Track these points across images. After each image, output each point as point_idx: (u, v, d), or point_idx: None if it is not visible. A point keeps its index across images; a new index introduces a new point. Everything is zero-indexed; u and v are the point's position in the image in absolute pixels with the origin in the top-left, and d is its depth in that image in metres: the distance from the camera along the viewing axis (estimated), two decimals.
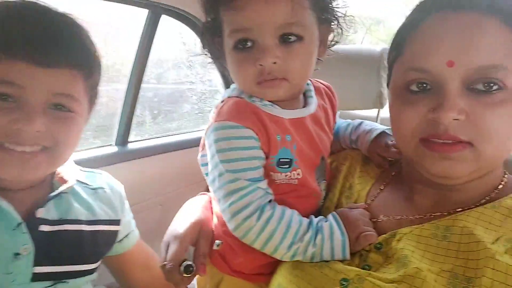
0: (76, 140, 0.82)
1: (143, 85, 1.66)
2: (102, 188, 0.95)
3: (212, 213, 0.91)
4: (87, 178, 0.94)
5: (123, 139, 1.62)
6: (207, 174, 0.81)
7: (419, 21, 0.67)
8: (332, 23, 0.81)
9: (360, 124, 0.94)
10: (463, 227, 0.64)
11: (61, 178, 0.87)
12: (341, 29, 0.82)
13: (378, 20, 9.12)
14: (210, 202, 0.95)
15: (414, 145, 0.67)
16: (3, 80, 0.70)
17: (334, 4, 0.79)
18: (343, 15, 0.81)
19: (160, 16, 1.59)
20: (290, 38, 0.72)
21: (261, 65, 0.72)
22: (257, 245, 0.74)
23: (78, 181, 0.90)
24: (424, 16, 0.66)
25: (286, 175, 0.78)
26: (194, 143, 1.85)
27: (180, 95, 2.61)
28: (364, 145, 0.89)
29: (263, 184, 0.74)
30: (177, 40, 2.17)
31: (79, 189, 0.90)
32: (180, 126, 2.47)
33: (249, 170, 0.73)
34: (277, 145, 0.76)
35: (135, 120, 1.68)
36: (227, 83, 2.00)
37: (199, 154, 0.86)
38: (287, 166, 0.77)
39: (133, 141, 1.69)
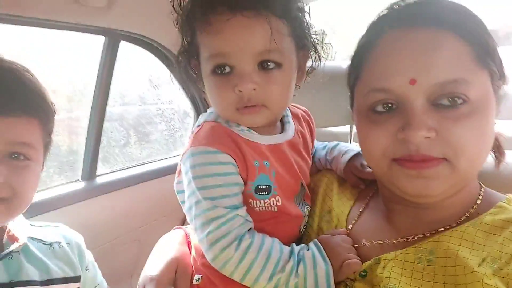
0: (34, 188, 0.80)
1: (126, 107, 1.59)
2: (58, 242, 0.89)
3: (190, 248, 0.86)
4: (41, 232, 0.88)
5: (90, 173, 1.53)
6: (183, 202, 0.77)
7: (375, 40, 0.66)
8: (310, 50, 0.80)
9: (336, 145, 0.93)
10: (447, 249, 0.62)
11: (12, 236, 0.81)
12: (319, 56, 0.81)
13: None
14: (186, 236, 0.90)
15: (386, 166, 0.66)
16: None
17: (312, 31, 0.79)
18: (320, 42, 0.80)
19: (119, 42, 1.53)
20: (269, 65, 0.71)
21: (240, 91, 0.70)
22: (236, 277, 0.70)
23: (30, 237, 0.84)
24: (379, 35, 0.66)
25: (265, 202, 0.75)
26: (168, 171, 1.82)
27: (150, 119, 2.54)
28: (339, 166, 0.88)
29: (242, 211, 0.71)
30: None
31: (31, 246, 0.83)
32: (150, 154, 2.38)
33: (227, 197, 0.70)
34: (255, 171, 0.74)
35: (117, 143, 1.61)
36: (196, 108, 1.96)
37: (175, 181, 0.82)
38: (265, 193, 0.75)
39: (101, 174, 1.60)
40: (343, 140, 1.01)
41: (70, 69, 1.92)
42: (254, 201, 0.74)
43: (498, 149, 0.71)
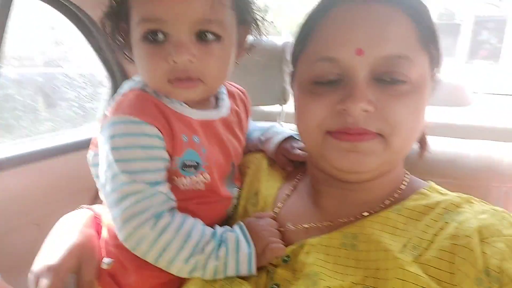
0: None
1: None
2: None
3: (99, 230, 0.78)
4: None
5: None
6: (98, 176, 0.72)
7: (326, 11, 0.66)
8: (251, 25, 0.77)
9: (271, 127, 0.91)
10: (370, 234, 0.64)
11: None
12: (259, 32, 0.79)
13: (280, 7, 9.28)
14: (95, 218, 0.81)
15: (320, 138, 0.66)
16: None
17: (254, 6, 0.76)
18: (261, 18, 0.77)
19: None
20: (207, 36, 0.66)
21: (174, 61, 0.65)
22: (150, 258, 0.66)
23: None
24: (330, 5, 0.66)
25: (191, 179, 0.72)
26: (74, 147, 1.63)
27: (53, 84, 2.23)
28: (271, 146, 0.87)
29: (164, 188, 0.68)
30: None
31: None
32: (54, 128, 2.11)
33: (149, 172, 0.66)
34: (182, 146, 0.70)
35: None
36: (112, 76, 1.76)
37: (91, 153, 0.77)
38: (192, 169, 0.71)
39: None
40: (273, 119, 0.99)
41: None
42: (179, 178, 0.71)
43: (422, 138, 0.73)
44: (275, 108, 1.67)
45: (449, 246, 0.58)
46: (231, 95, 0.85)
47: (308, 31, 0.68)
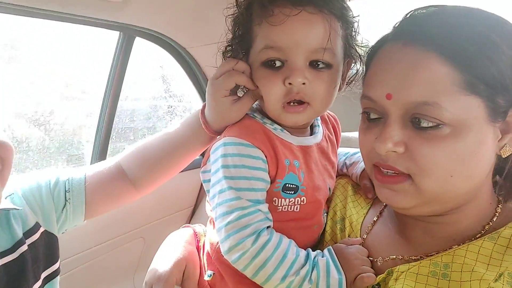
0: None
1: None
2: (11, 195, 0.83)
3: (198, 248, 0.86)
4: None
5: None
6: (209, 191, 0.77)
7: (377, 49, 0.67)
8: (355, 60, 0.81)
9: (357, 152, 0.92)
10: (463, 264, 0.61)
11: None
12: (362, 67, 0.80)
13: None
14: (195, 235, 0.89)
15: (369, 170, 0.69)
16: None
17: (358, 42, 0.80)
18: (363, 55, 0.80)
19: (134, 39, 1.53)
20: (319, 64, 0.72)
21: (290, 83, 0.71)
22: (248, 272, 0.69)
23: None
24: (381, 44, 0.67)
25: (289, 201, 0.75)
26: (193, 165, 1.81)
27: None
28: (357, 171, 0.87)
29: (264, 207, 0.71)
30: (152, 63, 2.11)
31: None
32: None
33: (252, 190, 0.70)
34: (285, 170, 0.74)
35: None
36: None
37: (201, 169, 0.82)
38: (292, 192, 0.74)
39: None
40: (356, 145, 0.99)
41: (84, 64, 1.93)
42: (279, 199, 0.74)
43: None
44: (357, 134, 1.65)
45: None
46: (324, 121, 0.89)
47: (366, 67, 0.71)
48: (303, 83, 0.70)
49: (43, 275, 0.82)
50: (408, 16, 0.66)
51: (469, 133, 0.59)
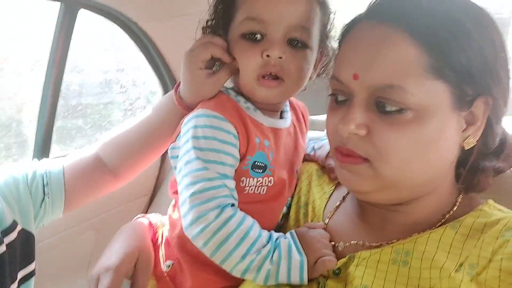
0: None
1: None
2: None
3: (154, 240, 0.84)
4: None
5: (42, 154, 1.39)
6: (176, 167, 0.76)
7: (350, 28, 0.67)
8: (327, 52, 0.83)
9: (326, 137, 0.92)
10: (424, 251, 0.62)
11: None
12: (334, 62, 0.81)
13: None
14: (151, 226, 0.86)
15: (332, 152, 0.69)
16: None
17: (333, 35, 0.83)
18: (334, 50, 0.82)
19: (78, 11, 1.38)
20: (296, 43, 0.75)
21: (268, 56, 0.72)
22: (208, 249, 0.68)
23: None
24: (354, 23, 0.66)
25: (257, 181, 0.76)
26: None
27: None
28: (322, 153, 0.89)
29: (231, 183, 0.71)
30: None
31: None
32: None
33: (221, 164, 0.70)
34: (255, 147, 0.75)
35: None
36: (165, 87, 1.83)
37: (170, 145, 0.82)
38: (260, 171, 0.75)
39: (56, 157, 1.47)
40: (320, 129, 0.99)
41: (22, 38, 1.75)
42: (247, 179, 0.75)
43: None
44: (322, 117, 1.65)
45: (510, 266, 0.55)
46: (292, 108, 0.90)
47: (338, 49, 0.70)
48: (280, 57, 0.73)
49: (20, 275, 0.81)
50: None
51: (432, 119, 0.58)
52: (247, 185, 0.75)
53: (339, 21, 0.81)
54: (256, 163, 0.74)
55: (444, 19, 0.57)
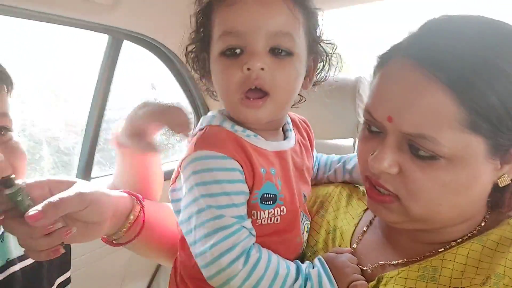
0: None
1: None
2: None
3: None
4: None
5: (84, 175, 1.49)
6: (178, 212, 0.71)
7: (383, 63, 0.65)
8: (321, 57, 0.78)
9: (354, 156, 0.90)
10: (452, 267, 0.61)
11: None
12: (329, 65, 0.79)
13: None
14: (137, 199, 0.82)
15: (363, 179, 0.69)
16: None
17: (324, 38, 0.77)
18: (331, 52, 0.78)
19: (122, 41, 1.50)
20: (280, 52, 0.68)
21: (248, 69, 0.66)
22: None
23: None
24: (388, 58, 0.64)
25: (269, 213, 0.70)
26: (164, 177, 1.78)
27: None
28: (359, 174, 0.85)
29: (248, 223, 0.66)
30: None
31: None
32: None
33: (235, 206, 0.65)
34: (262, 179, 0.68)
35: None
36: (196, 111, 1.92)
37: (170, 188, 0.76)
38: (270, 202, 0.70)
39: (96, 177, 1.56)
40: (345, 153, 0.99)
41: (71, 67, 1.88)
42: (258, 212, 0.69)
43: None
44: (347, 142, 1.65)
45: None
46: (295, 125, 0.85)
47: (373, 76, 0.69)
48: (262, 69, 0.66)
49: (57, 281, 0.82)
50: (424, 26, 0.62)
51: (465, 168, 0.58)
52: (258, 217, 0.69)
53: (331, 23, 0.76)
54: (264, 195, 0.69)
55: (481, 65, 0.54)
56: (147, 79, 2.20)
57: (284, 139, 0.79)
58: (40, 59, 1.74)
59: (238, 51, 0.67)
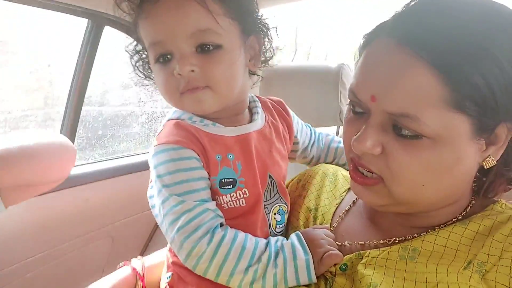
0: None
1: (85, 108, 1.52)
2: None
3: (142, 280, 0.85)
4: None
5: None
6: (154, 206, 0.74)
7: (367, 44, 0.65)
8: (260, 35, 0.79)
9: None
10: (432, 248, 0.62)
11: None
12: (269, 42, 0.80)
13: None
14: (135, 272, 0.86)
15: (348, 161, 0.69)
16: None
17: (259, 15, 0.78)
18: (267, 27, 0.79)
19: (103, 27, 1.46)
20: (208, 47, 0.70)
21: (179, 74, 0.69)
22: (211, 274, 0.67)
23: None
24: (372, 38, 0.64)
25: (231, 196, 0.73)
26: (145, 166, 1.75)
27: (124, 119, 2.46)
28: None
29: (212, 205, 0.70)
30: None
31: None
32: (128, 148, 2.29)
33: (195, 191, 0.69)
34: (217, 166, 0.72)
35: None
36: None
37: (149, 186, 0.78)
38: (230, 186, 0.73)
39: (76, 166, 1.52)
40: None
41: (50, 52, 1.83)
42: (220, 196, 0.72)
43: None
44: (331, 129, 1.66)
45: None
46: (265, 107, 0.87)
47: (359, 56, 0.68)
48: (192, 71, 0.69)
49: None
50: (409, 5, 0.61)
51: (448, 148, 0.57)
52: (222, 202, 0.73)
53: None
54: (222, 180, 0.72)
55: (468, 46, 0.54)
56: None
57: (251, 122, 0.81)
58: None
59: (169, 56, 0.71)
